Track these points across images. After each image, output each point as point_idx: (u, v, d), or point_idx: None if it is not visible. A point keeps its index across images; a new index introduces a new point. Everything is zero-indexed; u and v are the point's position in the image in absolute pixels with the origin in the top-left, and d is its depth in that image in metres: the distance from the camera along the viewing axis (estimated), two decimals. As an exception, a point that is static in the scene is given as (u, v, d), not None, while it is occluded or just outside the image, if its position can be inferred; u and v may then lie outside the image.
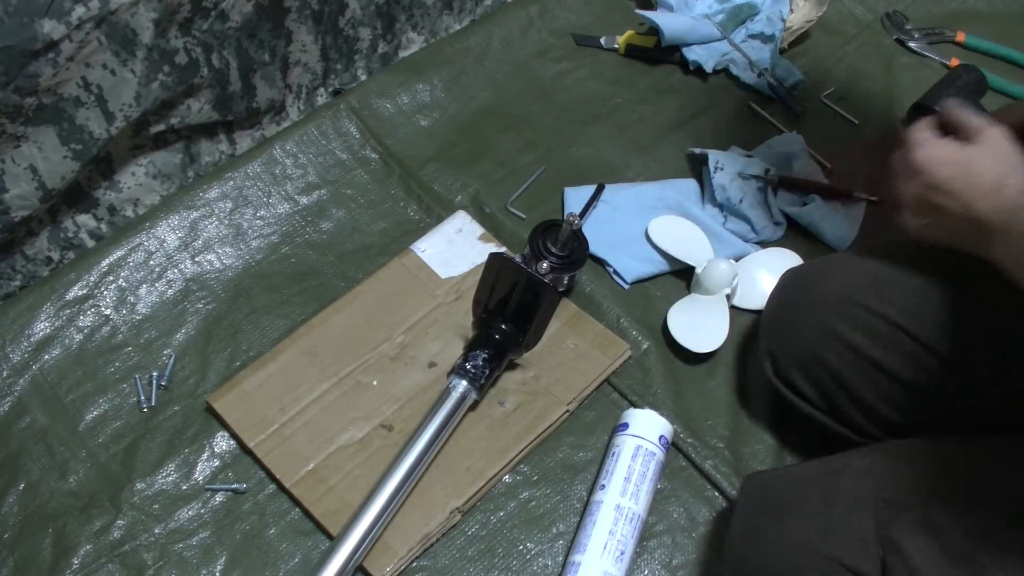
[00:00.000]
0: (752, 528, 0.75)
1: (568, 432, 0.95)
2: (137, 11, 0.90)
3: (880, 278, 0.83)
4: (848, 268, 0.87)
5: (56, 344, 0.98)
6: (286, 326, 1.01)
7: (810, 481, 0.75)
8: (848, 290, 0.84)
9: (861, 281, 0.84)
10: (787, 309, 0.90)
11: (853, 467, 0.73)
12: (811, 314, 0.86)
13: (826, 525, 0.70)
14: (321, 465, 0.90)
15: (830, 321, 0.84)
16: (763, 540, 0.74)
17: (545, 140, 1.20)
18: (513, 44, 1.29)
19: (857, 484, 0.71)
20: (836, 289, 0.85)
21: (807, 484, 0.75)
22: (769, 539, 0.73)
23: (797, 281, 0.92)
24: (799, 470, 0.82)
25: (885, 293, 0.82)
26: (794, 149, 1.17)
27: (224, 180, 1.10)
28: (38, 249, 1.01)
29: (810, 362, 0.85)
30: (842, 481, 0.73)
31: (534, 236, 0.99)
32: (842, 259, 0.93)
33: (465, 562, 0.87)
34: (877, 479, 0.71)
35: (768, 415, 0.97)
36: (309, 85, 1.20)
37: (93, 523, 0.88)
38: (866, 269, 0.85)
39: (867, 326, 0.81)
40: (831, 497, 0.72)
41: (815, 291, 0.88)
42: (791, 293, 0.91)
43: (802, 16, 1.32)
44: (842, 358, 0.83)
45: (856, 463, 0.74)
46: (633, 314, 1.03)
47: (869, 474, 0.72)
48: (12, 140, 0.89)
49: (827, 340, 0.83)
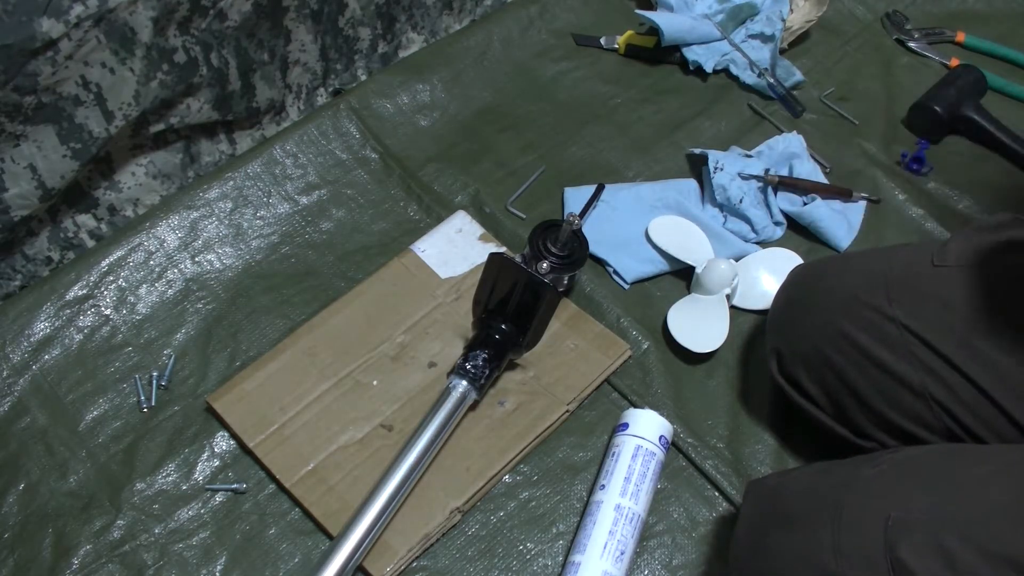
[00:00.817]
0: (759, 538, 0.74)
1: (568, 432, 0.95)
2: (136, 9, 0.90)
3: (889, 279, 0.82)
4: (857, 267, 0.87)
5: (56, 344, 0.98)
6: (286, 326, 1.01)
7: (819, 492, 0.73)
8: (856, 290, 0.83)
9: (870, 281, 0.83)
10: (794, 307, 0.90)
11: (863, 480, 0.71)
12: (818, 313, 0.85)
13: (834, 541, 0.68)
14: (321, 465, 0.90)
15: (837, 320, 0.83)
16: (770, 552, 0.72)
17: (545, 140, 1.20)
18: (513, 44, 1.29)
19: (867, 499, 0.69)
20: (844, 288, 0.85)
21: (816, 495, 0.73)
22: (776, 551, 0.71)
23: (804, 279, 0.91)
24: (807, 478, 0.79)
25: (894, 294, 0.81)
26: (794, 149, 1.17)
27: (224, 180, 1.10)
28: (38, 249, 1.01)
29: (816, 361, 0.85)
30: (852, 495, 0.70)
31: (534, 236, 0.99)
32: (851, 258, 0.93)
33: (465, 562, 0.87)
34: (888, 495, 0.69)
35: (769, 415, 0.97)
36: (309, 85, 1.20)
37: (93, 523, 0.88)
38: (875, 269, 0.84)
39: (875, 327, 0.80)
40: (839, 512, 0.69)
41: (823, 289, 0.87)
42: (798, 291, 0.91)
43: (802, 16, 1.32)
44: (848, 358, 0.82)
45: (867, 475, 0.72)
46: (633, 314, 1.03)
47: (879, 489, 0.70)
48: (11, 139, 0.89)
49: (833, 339, 0.82)
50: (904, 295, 0.80)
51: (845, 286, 0.85)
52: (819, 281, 0.89)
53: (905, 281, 0.82)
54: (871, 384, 0.81)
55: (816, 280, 0.90)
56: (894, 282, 0.82)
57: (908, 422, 0.80)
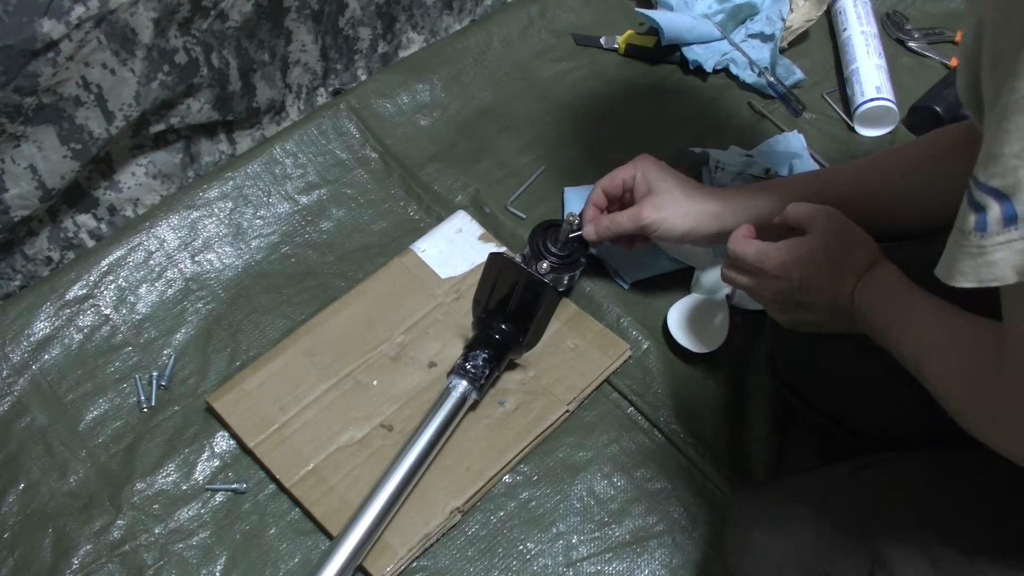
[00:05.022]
0: (745, 539, 0.75)
1: (568, 432, 0.95)
2: (136, 10, 0.90)
3: None
4: None
5: (56, 344, 0.98)
6: (286, 326, 1.01)
7: (803, 494, 0.75)
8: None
9: None
10: None
11: (848, 482, 0.73)
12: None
13: (817, 540, 0.70)
14: (321, 465, 0.90)
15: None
16: (755, 552, 0.74)
17: (545, 140, 1.20)
18: (513, 44, 1.29)
19: (851, 499, 0.71)
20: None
21: (800, 497, 0.75)
22: (761, 551, 0.73)
23: None
24: (792, 481, 0.82)
25: None
26: (794, 149, 1.17)
27: (224, 180, 1.10)
28: (38, 249, 1.01)
29: (813, 362, 0.85)
30: (835, 496, 0.72)
31: (534, 236, 0.99)
32: None
33: (465, 562, 0.87)
34: (871, 496, 0.71)
35: (768, 415, 0.97)
36: (309, 85, 1.20)
37: (93, 523, 0.88)
38: None
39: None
40: (823, 512, 0.71)
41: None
42: None
43: (802, 15, 1.32)
44: (846, 360, 0.82)
45: (851, 476, 0.73)
46: (633, 314, 1.03)
47: (864, 490, 0.72)
48: (12, 140, 0.89)
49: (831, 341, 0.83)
50: None
51: None
52: None
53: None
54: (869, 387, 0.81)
55: None
56: None
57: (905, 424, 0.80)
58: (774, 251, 0.76)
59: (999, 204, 0.46)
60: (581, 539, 0.89)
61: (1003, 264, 0.47)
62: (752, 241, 0.79)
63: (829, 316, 0.76)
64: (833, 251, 0.74)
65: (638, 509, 0.91)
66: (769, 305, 0.80)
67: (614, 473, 0.93)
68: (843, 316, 0.75)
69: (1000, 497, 0.65)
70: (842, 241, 0.75)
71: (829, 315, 0.76)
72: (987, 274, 0.48)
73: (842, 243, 0.74)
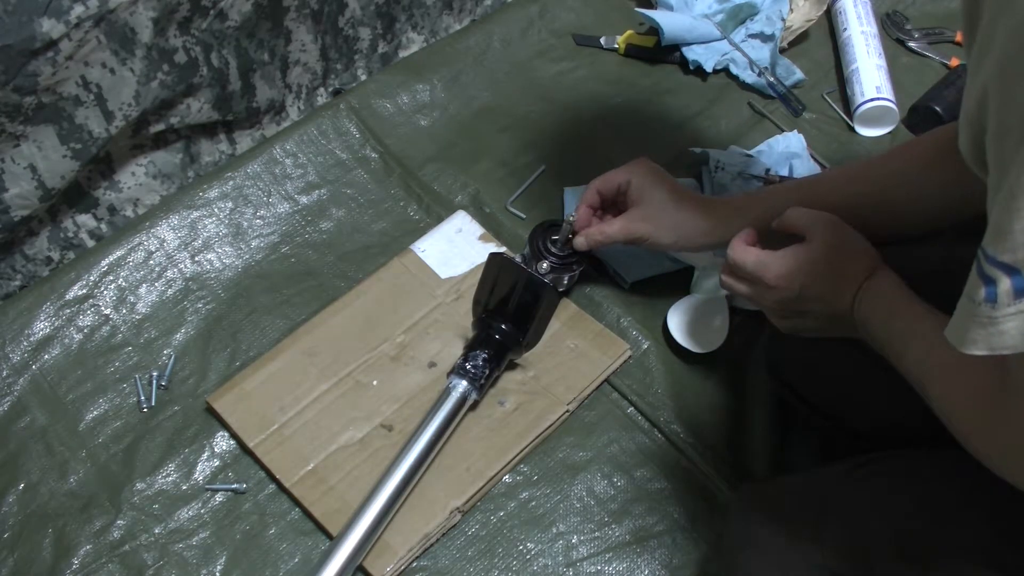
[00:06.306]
0: (745, 538, 0.76)
1: (568, 432, 0.95)
2: (136, 10, 0.90)
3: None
4: None
5: (56, 344, 0.98)
6: (286, 326, 1.01)
7: (803, 494, 0.76)
8: None
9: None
10: None
11: (848, 481, 0.73)
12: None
13: (817, 539, 0.70)
14: (321, 465, 0.90)
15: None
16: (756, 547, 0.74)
17: (545, 140, 1.20)
18: (513, 44, 1.29)
19: (851, 498, 0.72)
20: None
21: (800, 496, 0.76)
22: (762, 546, 0.73)
23: None
24: (792, 481, 0.83)
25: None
26: (794, 149, 1.17)
27: (224, 180, 1.10)
28: (38, 249, 1.01)
29: (812, 363, 0.85)
30: (835, 496, 0.73)
31: (534, 236, 0.99)
32: None
33: (465, 562, 0.87)
34: (871, 495, 0.71)
35: (768, 415, 0.96)
36: (309, 85, 1.20)
37: (93, 523, 0.88)
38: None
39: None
40: (823, 511, 0.72)
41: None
42: None
43: (802, 15, 1.32)
44: (844, 359, 0.82)
45: (851, 477, 0.74)
46: (633, 314, 1.03)
47: (863, 489, 0.72)
48: (11, 139, 0.89)
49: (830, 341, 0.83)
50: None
51: None
52: None
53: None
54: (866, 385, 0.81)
55: None
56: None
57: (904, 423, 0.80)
58: (773, 261, 0.76)
59: (1009, 278, 0.47)
60: (581, 539, 0.89)
61: (1014, 332, 0.48)
62: (751, 249, 0.79)
63: (829, 324, 0.76)
64: (834, 261, 0.74)
65: (638, 509, 0.91)
66: (769, 312, 0.80)
67: (614, 473, 0.93)
68: (843, 324, 0.75)
69: (1000, 496, 0.65)
70: (843, 250, 0.75)
71: (829, 323, 0.76)
72: (999, 343, 0.49)
73: (843, 252, 0.74)
